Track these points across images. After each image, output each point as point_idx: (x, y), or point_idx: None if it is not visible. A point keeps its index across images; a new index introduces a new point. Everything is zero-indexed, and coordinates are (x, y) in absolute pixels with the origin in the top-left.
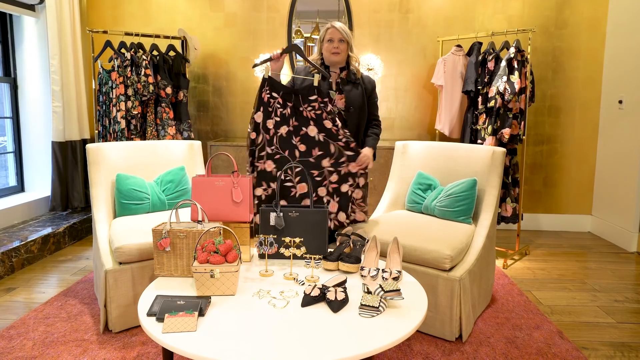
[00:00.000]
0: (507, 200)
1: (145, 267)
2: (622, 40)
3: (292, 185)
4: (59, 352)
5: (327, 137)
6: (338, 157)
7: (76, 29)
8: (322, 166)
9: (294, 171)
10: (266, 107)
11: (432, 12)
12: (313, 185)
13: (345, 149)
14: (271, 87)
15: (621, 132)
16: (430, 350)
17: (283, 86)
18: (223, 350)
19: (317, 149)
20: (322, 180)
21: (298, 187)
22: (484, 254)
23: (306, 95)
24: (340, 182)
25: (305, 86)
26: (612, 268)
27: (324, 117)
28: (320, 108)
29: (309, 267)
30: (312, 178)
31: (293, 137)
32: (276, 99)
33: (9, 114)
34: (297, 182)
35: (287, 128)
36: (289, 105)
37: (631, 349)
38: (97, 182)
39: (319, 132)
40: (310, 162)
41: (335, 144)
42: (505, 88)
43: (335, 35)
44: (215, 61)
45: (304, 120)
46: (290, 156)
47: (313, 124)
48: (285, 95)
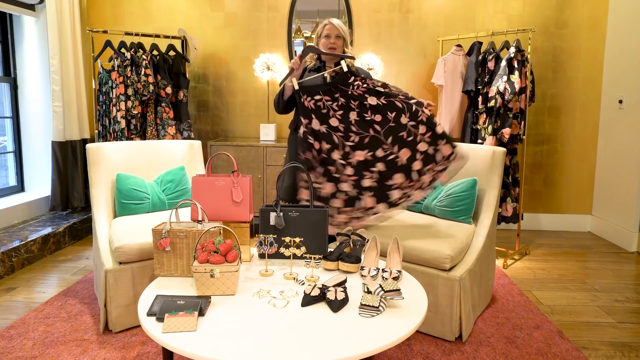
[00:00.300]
0: (508, 200)
1: (145, 267)
2: (622, 40)
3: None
4: (59, 351)
5: (387, 97)
6: (410, 108)
7: (76, 28)
8: (403, 124)
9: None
10: (319, 112)
11: (432, 12)
12: (410, 145)
13: (408, 99)
14: (308, 94)
15: (621, 132)
16: (430, 350)
17: (317, 86)
18: (223, 350)
19: (388, 112)
20: (415, 137)
21: (401, 155)
22: (484, 253)
23: (345, 81)
24: (428, 129)
25: (338, 75)
26: (613, 268)
27: (372, 86)
28: (365, 82)
29: (309, 266)
30: (403, 141)
31: (365, 115)
32: (322, 99)
33: (9, 113)
34: (397, 151)
35: (355, 112)
36: (337, 95)
37: (631, 349)
38: (97, 182)
39: (379, 98)
40: (393, 126)
41: (397, 100)
42: (506, 88)
43: (332, 31)
44: (216, 61)
45: (360, 97)
46: (376, 132)
47: (368, 95)
48: (327, 92)
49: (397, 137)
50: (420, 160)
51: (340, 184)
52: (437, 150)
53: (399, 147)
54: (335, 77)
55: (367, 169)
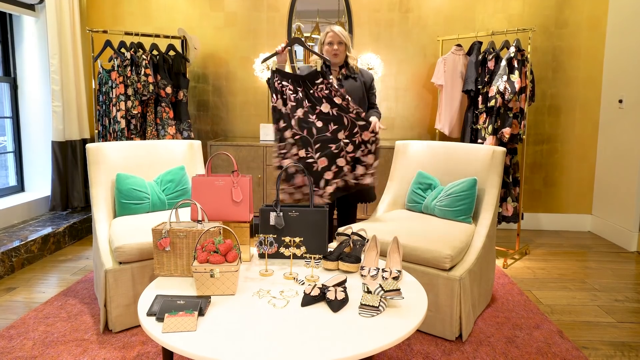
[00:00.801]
0: (508, 199)
1: (145, 267)
2: (622, 40)
3: (314, 160)
4: (59, 351)
5: (340, 110)
6: (351, 129)
7: (76, 28)
8: (338, 139)
9: (314, 148)
10: (281, 95)
11: (432, 12)
12: (332, 157)
13: (357, 120)
14: (281, 77)
15: (621, 131)
16: (430, 349)
17: (290, 74)
18: (223, 350)
19: (332, 124)
20: (339, 151)
21: (319, 162)
22: (484, 253)
23: (313, 79)
24: (355, 150)
25: (311, 72)
26: (612, 267)
27: (334, 95)
28: (328, 88)
29: (308, 266)
30: (330, 151)
31: (309, 116)
32: (287, 86)
33: (8, 113)
34: (317, 158)
35: (302, 110)
36: (300, 89)
37: (631, 349)
38: (97, 182)
39: (332, 108)
40: (328, 137)
41: (347, 116)
42: (506, 87)
43: (335, 38)
44: (215, 61)
45: (317, 100)
46: (309, 134)
47: (325, 101)
48: (294, 82)
49: (325, 147)
50: (332, 172)
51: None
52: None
53: (320, 155)
54: (309, 73)
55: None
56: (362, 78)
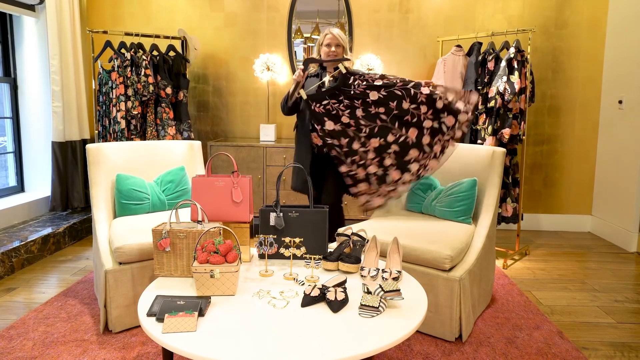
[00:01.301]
0: (508, 200)
1: (145, 267)
2: (622, 40)
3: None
4: (59, 352)
5: (386, 88)
6: (409, 94)
7: (76, 29)
8: (405, 109)
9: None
10: (329, 114)
11: (432, 12)
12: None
13: (406, 85)
14: (317, 101)
15: (621, 132)
16: (430, 350)
17: (322, 92)
18: (223, 351)
19: (390, 102)
20: (418, 118)
21: (409, 134)
22: (483, 254)
23: (345, 82)
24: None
25: (338, 78)
26: (612, 268)
27: (371, 82)
28: (362, 79)
29: (308, 267)
30: (409, 123)
31: (369, 109)
32: (329, 103)
33: (9, 114)
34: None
35: (359, 109)
36: (342, 98)
37: (631, 349)
38: (97, 182)
39: (379, 92)
40: (397, 114)
41: (396, 88)
42: (505, 88)
43: (333, 41)
44: (215, 61)
45: (362, 95)
46: (382, 121)
47: (370, 90)
48: (331, 96)
49: (403, 121)
50: (428, 135)
51: (368, 167)
52: (442, 123)
53: (406, 129)
54: (337, 80)
55: (384, 152)
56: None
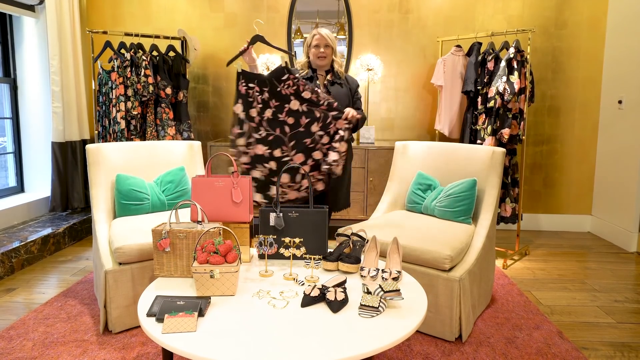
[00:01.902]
0: (507, 200)
1: (145, 268)
2: (622, 40)
3: (290, 158)
4: (58, 352)
5: (310, 105)
6: (324, 120)
7: (76, 29)
8: (312, 132)
9: (289, 145)
10: (246, 99)
11: (431, 13)
12: (308, 151)
13: (329, 111)
14: (246, 79)
15: (621, 132)
16: (430, 350)
17: (255, 75)
18: (223, 351)
19: (303, 117)
20: (315, 145)
21: (295, 158)
22: (483, 254)
23: (279, 76)
24: (330, 140)
25: (275, 69)
26: (612, 268)
27: (302, 90)
28: (295, 83)
29: (308, 267)
30: (305, 146)
31: (279, 115)
32: (253, 89)
33: (8, 114)
34: (293, 155)
35: (270, 110)
36: (266, 90)
37: (631, 349)
38: (96, 183)
39: (301, 104)
40: (301, 132)
41: (318, 109)
42: (505, 88)
43: (322, 41)
44: (215, 61)
45: (284, 98)
46: (282, 133)
47: (294, 98)
48: (259, 82)
49: (300, 143)
50: (309, 166)
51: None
52: (324, 160)
53: (296, 152)
54: (273, 71)
55: (261, 162)
56: (348, 85)
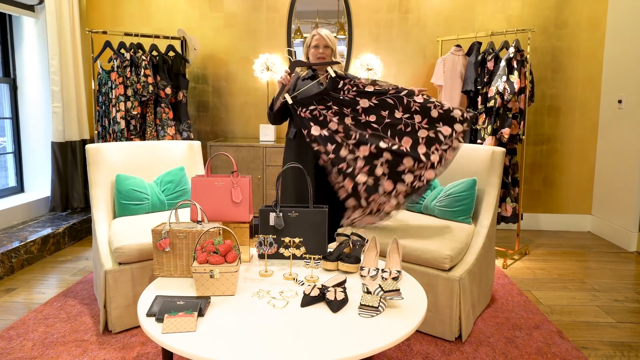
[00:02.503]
0: (507, 200)
1: (145, 268)
2: (622, 40)
3: (398, 145)
4: (58, 352)
5: (378, 96)
6: (401, 103)
7: (76, 29)
8: (397, 118)
9: (388, 136)
10: (316, 120)
11: (431, 12)
12: (410, 134)
13: (399, 93)
14: (303, 106)
15: (621, 131)
16: (430, 350)
17: (312, 96)
18: (223, 351)
19: (381, 111)
20: (412, 127)
21: (403, 143)
22: (483, 253)
23: (335, 87)
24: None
25: (329, 82)
26: (612, 268)
27: (362, 88)
28: (354, 84)
29: (308, 267)
30: (402, 132)
31: (359, 118)
32: (316, 109)
33: (8, 114)
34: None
35: (348, 117)
36: (330, 104)
37: (631, 349)
38: (96, 183)
39: (370, 99)
40: (389, 122)
41: (388, 96)
42: (505, 88)
43: (321, 42)
44: (215, 61)
45: (352, 102)
46: (373, 130)
47: (360, 98)
48: (319, 101)
49: (396, 130)
50: (423, 144)
51: (357, 177)
52: (438, 132)
53: (399, 138)
54: (326, 84)
55: (376, 159)
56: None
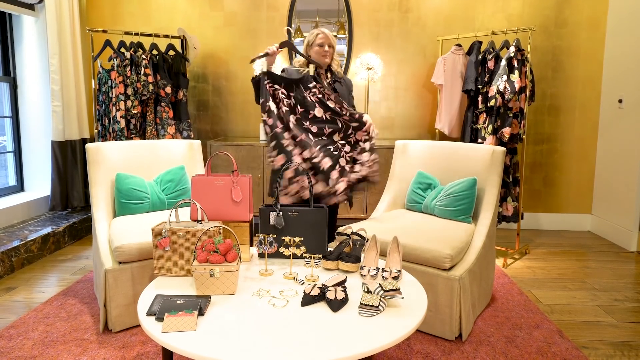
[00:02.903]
0: (508, 199)
1: (145, 267)
2: (622, 40)
3: (319, 160)
4: (58, 351)
5: (333, 114)
6: (345, 130)
7: (76, 28)
8: (334, 141)
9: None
10: (274, 98)
11: (432, 12)
12: (333, 158)
13: (350, 122)
14: (272, 80)
15: (621, 131)
16: (430, 349)
17: (284, 78)
18: (223, 350)
19: (326, 127)
20: (339, 153)
21: (323, 162)
22: (483, 253)
23: (306, 83)
24: (352, 150)
25: (304, 75)
26: (612, 267)
27: (326, 99)
28: (321, 92)
29: (308, 266)
30: (330, 152)
31: (303, 122)
32: (279, 90)
33: (8, 113)
34: (322, 158)
35: (295, 116)
36: (292, 94)
37: (631, 348)
38: (96, 182)
39: (325, 112)
40: (324, 140)
41: (341, 119)
42: (505, 87)
43: (326, 40)
44: (215, 60)
45: (310, 105)
46: (307, 138)
47: (318, 105)
48: (287, 85)
49: (325, 149)
50: (337, 171)
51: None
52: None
53: (323, 156)
54: (302, 77)
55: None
56: (346, 83)
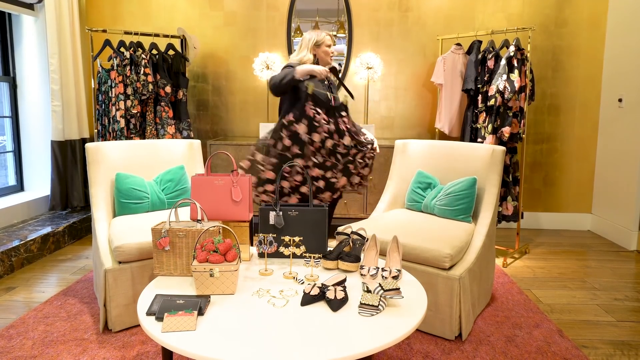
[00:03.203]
0: (508, 198)
1: (145, 267)
2: (622, 39)
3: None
4: (58, 351)
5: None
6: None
7: (75, 28)
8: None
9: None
10: (311, 121)
11: (431, 11)
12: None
13: (362, 145)
14: (315, 103)
15: (621, 130)
16: (430, 349)
17: (325, 103)
18: (222, 350)
19: (353, 149)
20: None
21: (340, 181)
22: (483, 252)
23: (340, 111)
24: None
25: (340, 104)
26: (612, 266)
27: (350, 127)
28: (350, 121)
29: (308, 266)
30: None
31: (337, 148)
32: (321, 115)
33: (8, 113)
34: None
35: (332, 142)
36: (332, 121)
37: (631, 348)
38: (96, 181)
39: (352, 140)
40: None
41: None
42: (505, 86)
43: (332, 42)
44: (215, 60)
45: (341, 133)
46: (337, 161)
47: (347, 134)
48: (328, 112)
49: (346, 168)
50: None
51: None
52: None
53: (342, 175)
54: (336, 104)
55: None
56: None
